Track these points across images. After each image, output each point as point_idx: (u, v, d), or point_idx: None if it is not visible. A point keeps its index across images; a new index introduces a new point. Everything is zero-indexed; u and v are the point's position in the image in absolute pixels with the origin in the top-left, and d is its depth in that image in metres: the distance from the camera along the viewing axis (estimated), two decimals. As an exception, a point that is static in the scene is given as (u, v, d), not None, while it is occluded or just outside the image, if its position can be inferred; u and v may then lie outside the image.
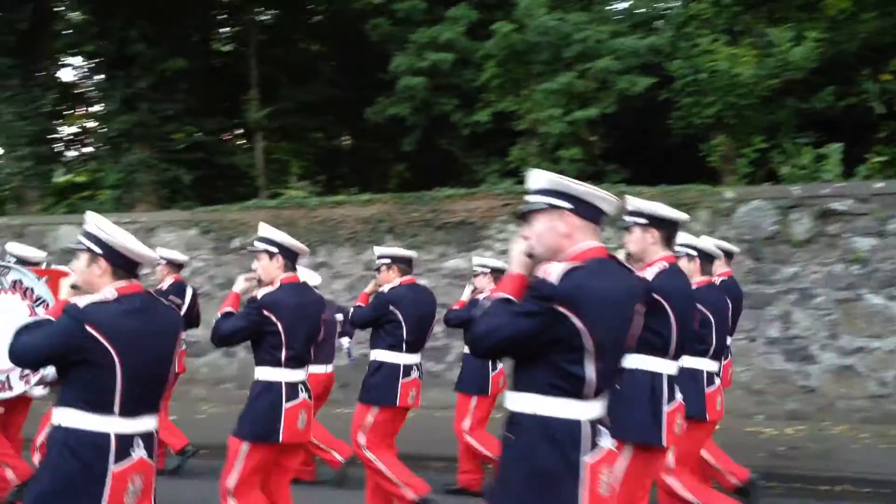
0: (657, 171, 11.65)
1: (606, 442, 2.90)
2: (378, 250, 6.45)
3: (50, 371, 3.62)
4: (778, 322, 9.95)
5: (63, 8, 16.99)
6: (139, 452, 3.32)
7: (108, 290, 3.33)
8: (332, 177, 18.65)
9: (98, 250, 3.37)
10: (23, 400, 5.95)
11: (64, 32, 16.91)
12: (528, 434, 2.85)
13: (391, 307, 5.88)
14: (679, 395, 4.31)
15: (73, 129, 19.24)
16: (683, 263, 5.18)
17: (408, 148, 14.44)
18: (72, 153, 18.29)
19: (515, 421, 2.88)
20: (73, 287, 3.55)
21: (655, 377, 4.22)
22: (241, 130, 17.96)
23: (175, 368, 3.65)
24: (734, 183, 11.44)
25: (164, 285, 7.77)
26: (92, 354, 3.20)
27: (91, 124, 18.69)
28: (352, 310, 6.50)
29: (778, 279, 9.97)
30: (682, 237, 5.32)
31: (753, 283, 9.92)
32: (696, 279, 5.20)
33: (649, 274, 4.22)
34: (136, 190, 14.77)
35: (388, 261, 6.27)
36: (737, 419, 9.39)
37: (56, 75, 17.27)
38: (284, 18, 17.72)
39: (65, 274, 5.57)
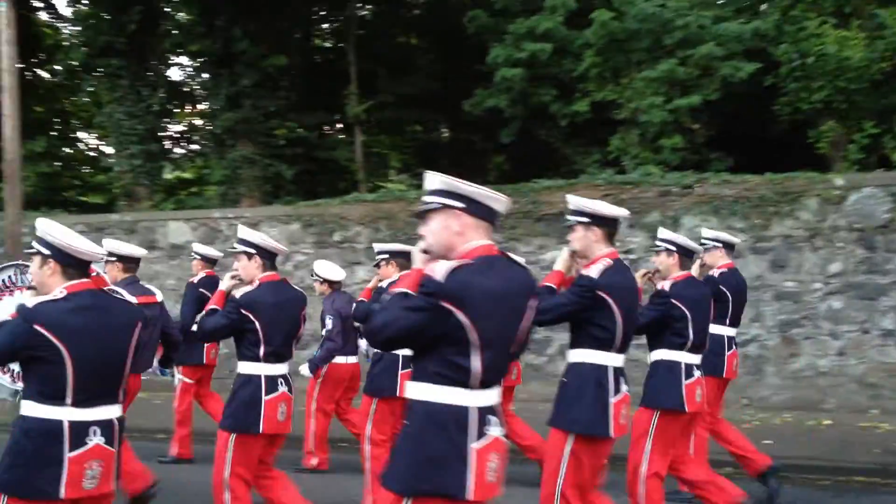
0: (763, 159, 11.43)
1: (495, 430, 3.09)
2: (377, 246, 6.80)
3: None
4: (892, 313, 9.65)
5: (170, 9, 17.63)
6: (96, 440, 3.57)
7: (59, 289, 3.57)
8: (430, 169, 18.80)
9: (47, 252, 3.61)
10: (130, 392, 6.06)
11: (171, 33, 17.51)
12: (420, 420, 3.06)
13: None
14: (624, 387, 4.50)
15: (180, 127, 19.97)
16: (663, 258, 5.54)
17: (506, 140, 14.51)
18: (179, 150, 18.98)
19: (410, 408, 3.09)
20: (31, 288, 3.78)
21: (601, 370, 4.44)
22: (341, 125, 18.31)
23: (128, 360, 3.75)
24: (844, 170, 11.13)
25: (196, 279, 7.89)
26: (42, 350, 3.45)
27: (197, 121, 19.34)
28: (354, 305, 6.76)
29: (891, 269, 9.67)
30: (661, 232, 5.67)
31: (866, 273, 9.65)
32: (675, 274, 5.48)
33: (594, 271, 4.43)
34: (241, 185, 15.25)
35: (386, 256, 6.59)
36: (850, 414, 9.18)
37: (164, 74, 17.91)
38: (383, 13, 18.00)
39: (91, 271, 6.14)
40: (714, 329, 6.17)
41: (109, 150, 19.89)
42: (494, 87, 14.02)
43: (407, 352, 5.61)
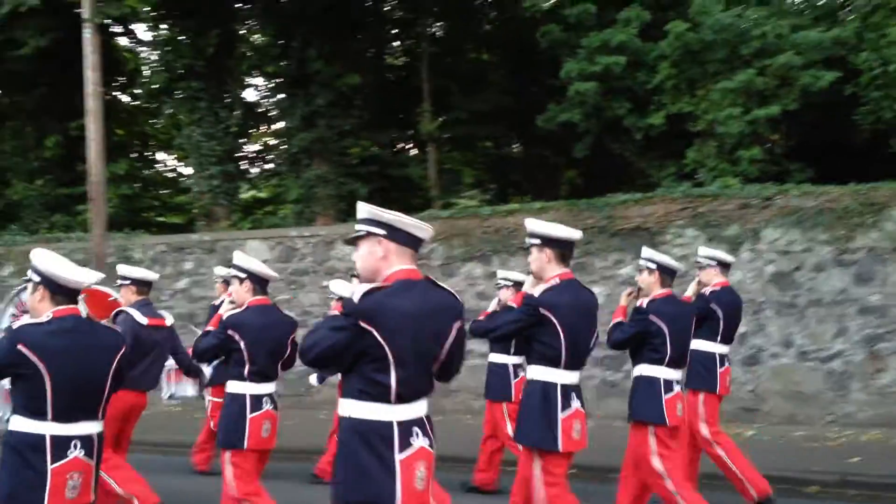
0: (845, 170, 11.22)
1: (421, 441, 3.35)
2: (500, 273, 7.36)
3: None
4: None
5: (246, 31, 18.11)
6: (76, 453, 3.97)
7: (46, 313, 4.00)
8: (503, 185, 18.95)
9: (38, 279, 4.04)
10: (135, 408, 6.67)
11: (248, 55, 17.97)
12: (348, 435, 3.34)
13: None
14: (576, 403, 4.77)
15: (256, 147, 20.45)
16: (644, 276, 5.82)
17: (580, 154, 14.51)
18: (255, 170, 19.43)
19: (341, 423, 3.35)
20: (25, 312, 4.23)
21: (549, 386, 4.73)
22: (414, 142, 18.54)
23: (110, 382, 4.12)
24: (932, 180, 10.86)
25: (218, 301, 8.03)
26: (23, 368, 3.85)
27: (273, 141, 19.78)
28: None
29: (984, 282, 9.40)
30: (644, 251, 5.90)
31: (957, 286, 9.40)
32: (656, 291, 5.73)
33: (537, 291, 4.76)
34: (316, 204, 15.53)
35: (510, 283, 7.00)
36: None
37: (240, 96, 18.37)
38: (455, 29, 18.18)
39: (107, 294, 6.60)
40: (706, 346, 6.64)
41: (188, 170, 20.48)
42: (567, 101, 14.05)
43: None
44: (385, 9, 18.66)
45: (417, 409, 3.40)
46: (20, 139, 19.15)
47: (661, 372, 5.63)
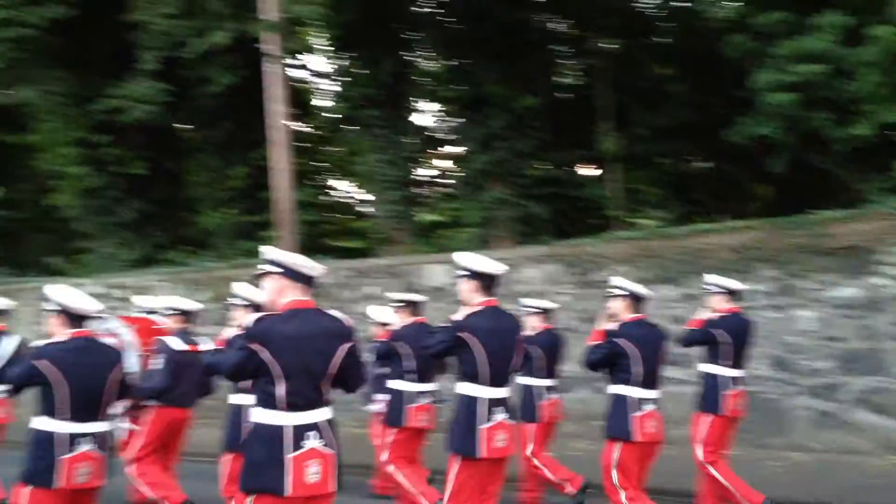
0: None
1: (314, 443, 4.17)
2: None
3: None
4: None
5: (419, 59, 18.33)
6: (86, 447, 5.07)
7: (64, 334, 5.19)
8: (688, 203, 18.29)
9: (56, 308, 5.21)
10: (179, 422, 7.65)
11: (421, 81, 18.18)
12: (251, 435, 4.22)
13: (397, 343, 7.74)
14: (500, 416, 5.40)
15: (432, 171, 20.66)
16: (616, 303, 6.43)
17: (776, 169, 13.74)
18: (432, 194, 19.58)
19: (251, 426, 4.24)
20: (49, 335, 5.28)
21: (473, 400, 5.42)
22: (593, 162, 18.20)
23: (112, 389, 5.22)
24: None
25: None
26: (43, 379, 5.00)
27: (449, 165, 19.91)
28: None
29: None
30: (614, 280, 6.62)
31: None
32: (626, 316, 6.34)
33: (459, 315, 5.47)
34: (495, 227, 15.45)
35: (401, 304, 8.00)
36: None
37: (417, 122, 18.62)
38: (631, 44, 17.76)
39: (151, 322, 7.70)
40: (712, 369, 7.20)
41: (367, 196, 20.92)
42: (759, 113, 13.35)
43: (414, 386, 7.53)
44: (558, 27, 18.46)
45: (313, 416, 4.21)
46: (210, 171, 20.12)
47: (633, 391, 6.22)
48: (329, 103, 20.21)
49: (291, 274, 4.33)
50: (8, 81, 19.41)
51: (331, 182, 24.18)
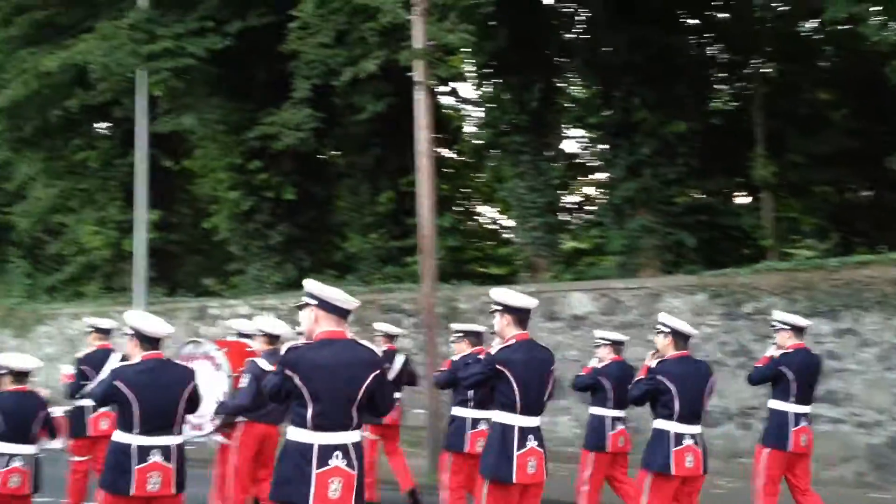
0: None
1: (339, 462, 4.65)
2: (453, 326, 9.06)
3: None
4: None
5: (568, 84, 18.41)
6: (156, 458, 5.68)
7: (137, 357, 5.85)
8: (847, 234, 17.57)
9: (131, 332, 5.86)
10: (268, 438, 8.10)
11: (568, 106, 18.24)
12: (283, 451, 4.79)
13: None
14: (532, 443, 5.84)
15: (576, 198, 20.62)
16: (660, 339, 6.81)
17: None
18: (576, 221, 19.53)
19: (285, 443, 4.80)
20: (124, 358, 6.19)
21: (507, 428, 5.84)
22: (746, 190, 17.76)
23: (182, 407, 5.87)
24: None
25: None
26: (119, 396, 5.68)
27: (593, 191, 19.83)
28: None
29: None
30: (661, 316, 6.95)
31: None
32: (671, 353, 6.70)
33: (495, 349, 5.96)
34: (640, 255, 15.28)
35: (460, 334, 8.65)
36: None
37: (561, 148, 18.65)
38: (789, 69, 17.30)
39: (244, 345, 7.96)
40: (778, 405, 7.59)
41: (510, 223, 21.06)
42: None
43: (475, 413, 7.75)
44: (711, 52, 18.18)
45: (340, 437, 4.71)
46: (356, 196, 20.73)
47: (672, 426, 6.58)
48: (475, 129, 20.50)
49: (326, 306, 4.86)
50: (168, 109, 20.60)
51: (476, 208, 24.49)
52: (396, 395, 9.66)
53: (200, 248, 26.99)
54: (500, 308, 6.00)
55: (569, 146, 19.97)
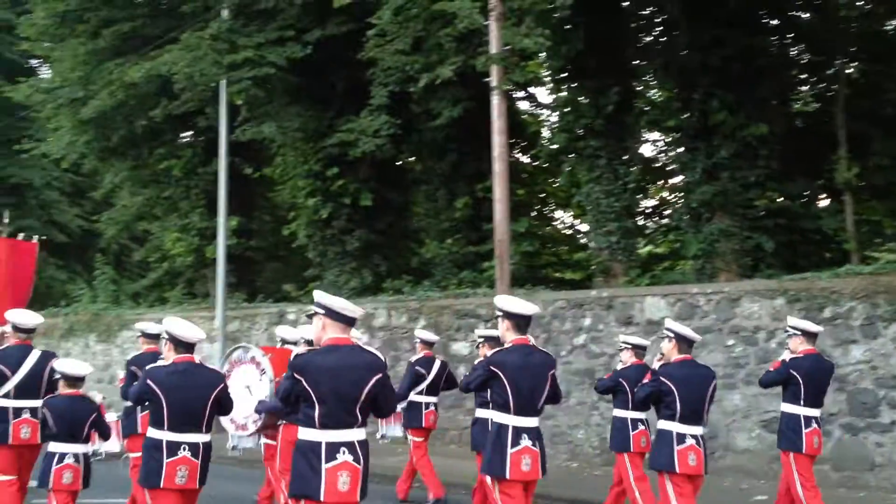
0: None
1: (346, 457, 5.19)
2: (477, 332, 10.02)
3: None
4: None
5: (643, 88, 18.42)
6: (184, 454, 6.23)
7: (171, 359, 6.41)
8: (935, 238, 17.19)
9: (167, 337, 6.44)
10: None
11: (645, 110, 18.26)
12: (296, 449, 5.31)
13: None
14: (526, 442, 6.22)
15: (653, 202, 20.60)
16: (664, 344, 7.35)
17: None
18: (652, 225, 19.50)
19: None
20: (160, 358, 6.85)
21: (501, 427, 6.27)
22: (827, 192, 17.53)
23: (209, 408, 6.40)
24: None
25: (413, 358, 10.93)
26: (151, 395, 6.26)
27: (669, 195, 19.78)
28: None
29: None
30: (667, 322, 7.50)
31: None
32: (674, 357, 7.21)
33: (491, 352, 6.54)
34: (718, 259, 15.24)
35: (482, 340, 9.29)
36: None
37: (638, 151, 18.66)
38: (873, 69, 17.04)
39: (288, 352, 8.51)
40: (790, 409, 8.11)
41: (585, 227, 21.13)
42: None
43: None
44: (793, 52, 18.01)
45: (345, 435, 5.24)
46: (433, 202, 21.07)
47: (675, 426, 7.04)
48: (551, 134, 20.63)
49: (333, 315, 5.37)
50: (248, 118, 21.22)
51: (551, 213, 24.61)
52: (433, 399, 10.68)
53: (279, 255, 27.67)
54: (500, 314, 6.48)
55: (645, 150, 19.98)
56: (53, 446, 7.39)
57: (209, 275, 24.18)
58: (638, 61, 17.81)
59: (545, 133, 22.46)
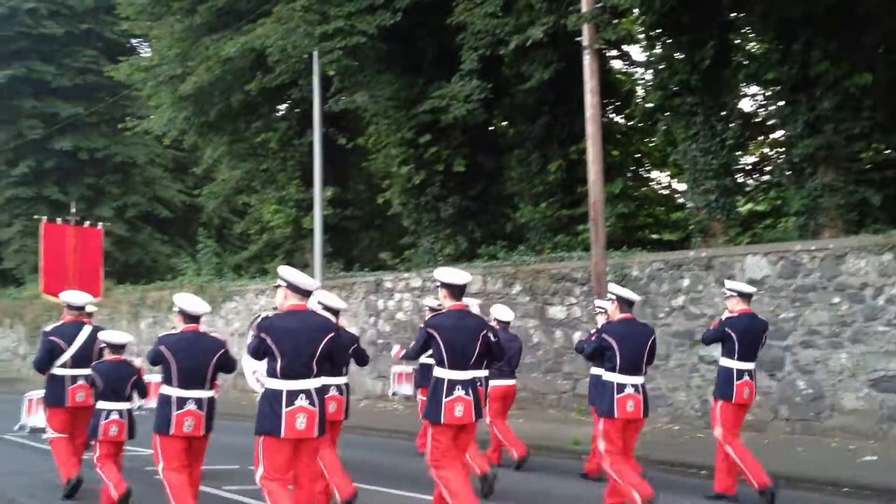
0: None
1: (303, 402, 6.46)
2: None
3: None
4: None
5: (740, 40, 17.91)
6: (190, 406, 7.51)
7: (180, 328, 7.75)
8: None
9: (177, 310, 7.82)
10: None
11: (743, 63, 17.78)
12: (262, 395, 6.62)
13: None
14: (459, 392, 7.22)
15: (752, 158, 20.12)
16: (608, 305, 8.79)
17: None
18: (753, 182, 19.06)
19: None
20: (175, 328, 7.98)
21: (438, 380, 7.31)
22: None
23: (211, 369, 7.78)
24: None
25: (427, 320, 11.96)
26: (162, 358, 7.54)
27: (769, 151, 19.27)
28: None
29: None
30: (610, 286, 8.92)
31: None
32: (617, 316, 8.33)
33: (430, 317, 7.78)
34: (822, 215, 14.83)
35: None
36: None
37: (737, 107, 18.20)
38: None
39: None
40: (725, 363, 9.04)
41: (682, 187, 20.80)
42: None
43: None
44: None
45: (304, 384, 6.54)
46: (525, 166, 21.04)
47: (615, 377, 8.14)
48: (645, 92, 20.30)
49: (293, 287, 6.69)
50: (341, 88, 21.49)
51: (647, 173, 24.28)
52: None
53: (375, 224, 28.04)
54: (439, 284, 7.48)
55: (744, 105, 19.46)
56: (101, 404, 8.75)
57: (307, 245, 24.72)
58: (735, 13, 17.32)
59: (639, 92, 22.09)
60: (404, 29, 19.11)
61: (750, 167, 19.95)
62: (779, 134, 18.33)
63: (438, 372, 7.32)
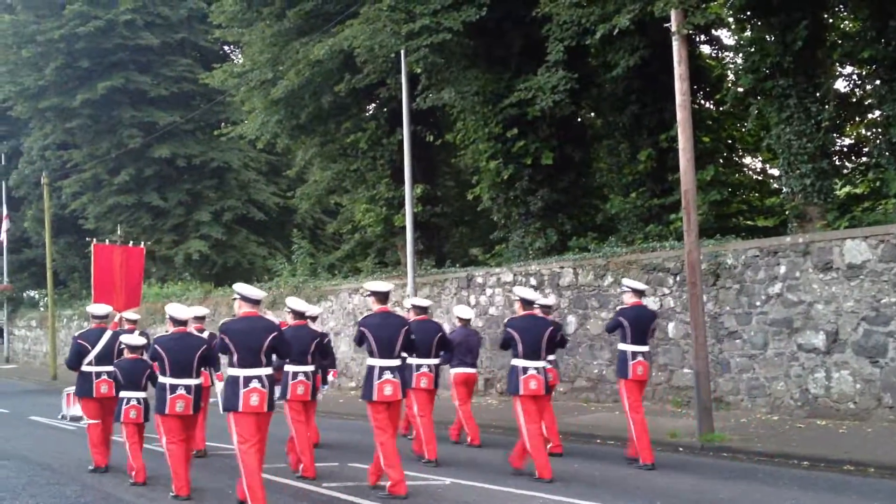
0: None
1: (256, 384, 8.66)
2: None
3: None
4: None
5: (834, 19, 17.41)
6: (181, 392, 9.71)
7: (172, 330, 9.83)
8: None
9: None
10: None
11: (837, 42, 17.32)
12: (225, 382, 8.86)
13: None
14: (388, 375, 9.52)
15: (849, 140, 19.56)
16: (516, 305, 10.76)
17: None
18: (850, 165, 18.54)
19: None
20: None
21: (371, 367, 9.60)
22: None
23: (196, 362, 9.89)
24: None
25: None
26: (158, 354, 9.74)
27: (867, 132, 18.71)
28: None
29: None
30: (515, 289, 11.06)
31: None
32: (520, 312, 10.58)
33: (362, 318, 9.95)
34: (923, 197, 14.36)
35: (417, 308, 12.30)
36: None
37: (833, 87, 17.73)
38: None
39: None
40: (622, 346, 11.13)
41: (776, 172, 20.36)
42: None
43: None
44: None
45: (255, 371, 8.68)
46: (615, 156, 20.91)
47: (520, 362, 10.29)
48: (736, 76, 19.92)
49: (244, 298, 8.95)
50: (428, 85, 21.68)
51: (740, 159, 23.82)
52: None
53: (465, 219, 28.17)
54: (368, 293, 10.50)
55: (839, 85, 18.91)
56: (123, 394, 10.93)
57: (398, 243, 25.02)
58: (829, -9, 16.87)
59: (730, 76, 21.70)
60: (489, 23, 19.18)
61: (846, 149, 19.39)
62: (876, 114, 17.77)
63: (371, 361, 9.61)
